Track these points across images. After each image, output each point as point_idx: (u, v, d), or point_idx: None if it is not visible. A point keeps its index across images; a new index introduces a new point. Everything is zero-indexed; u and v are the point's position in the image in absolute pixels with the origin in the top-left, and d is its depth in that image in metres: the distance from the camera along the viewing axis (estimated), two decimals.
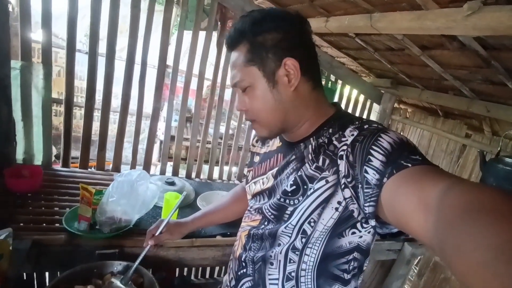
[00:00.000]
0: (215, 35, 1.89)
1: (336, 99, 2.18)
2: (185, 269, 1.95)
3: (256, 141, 0.89)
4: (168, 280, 1.56)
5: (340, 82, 2.13)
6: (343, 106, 2.29)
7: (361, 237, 0.61)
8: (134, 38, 1.61)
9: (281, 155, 0.73)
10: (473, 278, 0.29)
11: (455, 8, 0.92)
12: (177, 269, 1.87)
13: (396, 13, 1.03)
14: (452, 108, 1.89)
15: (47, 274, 1.30)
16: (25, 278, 1.34)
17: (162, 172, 1.88)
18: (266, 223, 0.70)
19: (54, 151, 1.79)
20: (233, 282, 0.77)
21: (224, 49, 1.80)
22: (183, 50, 1.74)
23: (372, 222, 0.51)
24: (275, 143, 0.78)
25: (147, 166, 1.81)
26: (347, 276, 0.65)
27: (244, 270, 0.73)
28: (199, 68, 1.80)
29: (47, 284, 1.26)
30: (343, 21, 1.31)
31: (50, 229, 1.14)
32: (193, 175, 1.97)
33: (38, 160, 1.57)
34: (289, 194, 0.63)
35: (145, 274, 1.07)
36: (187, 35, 1.72)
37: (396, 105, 2.26)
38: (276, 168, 0.71)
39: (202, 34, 1.76)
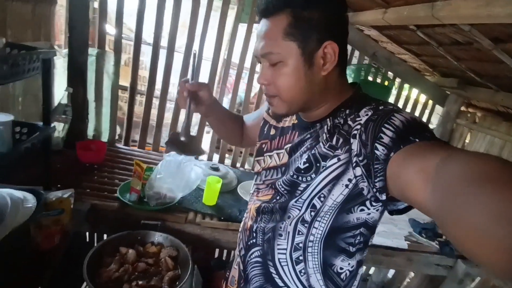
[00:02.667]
0: None
1: (392, 100, 2.04)
2: (225, 252, 2.02)
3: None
4: (205, 260, 1.65)
5: (398, 80, 1.98)
6: (400, 106, 2.14)
7: (369, 214, 0.62)
8: (193, 31, 1.72)
9: (296, 132, 0.72)
10: (470, 243, 0.30)
11: None
12: (216, 252, 1.95)
13: (461, 0, 0.93)
14: None
15: (95, 235, 1.45)
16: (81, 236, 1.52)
17: (209, 159, 1.98)
18: (278, 197, 0.71)
19: (118, 130, 2.00)
20: (242, 252, 0.79)
21: None
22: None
23: (383, 197, 0.51)
24: (292, 119, 0.77)
25: None
26: (352, 249, 0.66)
27: (254, 240, 0.75)
28: (251, 61, 1.84)
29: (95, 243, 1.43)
30: (402, 12, 1.22)
31: (107, 197, 1.29)
32: (238, 165, 2.04)
33: (104, 137, 1.78)
34: (302, 171, 0.64)
35: (181, 248, 1.15)
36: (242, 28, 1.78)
37: (463, 108, 2.02)
38: (290, 145, 0.71)
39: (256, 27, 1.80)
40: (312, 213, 0.64)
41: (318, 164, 0.62)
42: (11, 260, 0.84)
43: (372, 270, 2.47)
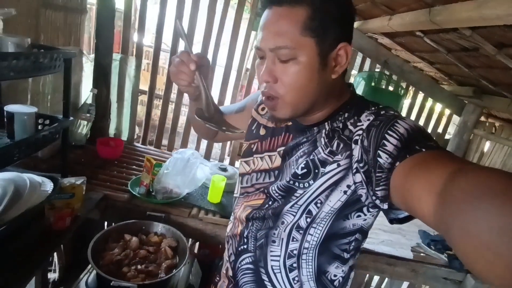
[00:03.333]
0: None
1: (404, 109, 2.00)
2: None
3: (262, 109, 0.79)
4: (210, 258, 1.69)
5: (412, 88, 1.96)
6: (413, 115, 2.09)
7: (365, 220, 0.61)
8: (208, 39, 1.82)
9: (290, 135, 0.69)
10: (477, 260, 0.29)
11: None
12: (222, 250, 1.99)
13: (456, 4, 0.94)
14: None
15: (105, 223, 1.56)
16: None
17: (221, 160, 2.05)
18: (270, 202, 0.68)
19: (137, 130, 2.13)
20: (232, 258, 0.76)
21: None
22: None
23: (385, 206, 0.50)
24: None
25: (208, 153, 2.01)
26: (346, 255, 0.65)
27: (245, 246, 0.72)
28: None
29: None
30: (405, 18, 1.23)
31: (119, 189, 1.39)
32: None
33: (124, 136, 1.91)
34: (299, 177, 0.62)
35: (181, 240, 1.21)
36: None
37: (483, 118, 1.94)
38: (284, 148, 0.68)
39: None
40: (308, 219, 0.62)
41: (316, 170, 0.60)
42: (25, 235, 0.94)
43: (384, 284, 2.38)
